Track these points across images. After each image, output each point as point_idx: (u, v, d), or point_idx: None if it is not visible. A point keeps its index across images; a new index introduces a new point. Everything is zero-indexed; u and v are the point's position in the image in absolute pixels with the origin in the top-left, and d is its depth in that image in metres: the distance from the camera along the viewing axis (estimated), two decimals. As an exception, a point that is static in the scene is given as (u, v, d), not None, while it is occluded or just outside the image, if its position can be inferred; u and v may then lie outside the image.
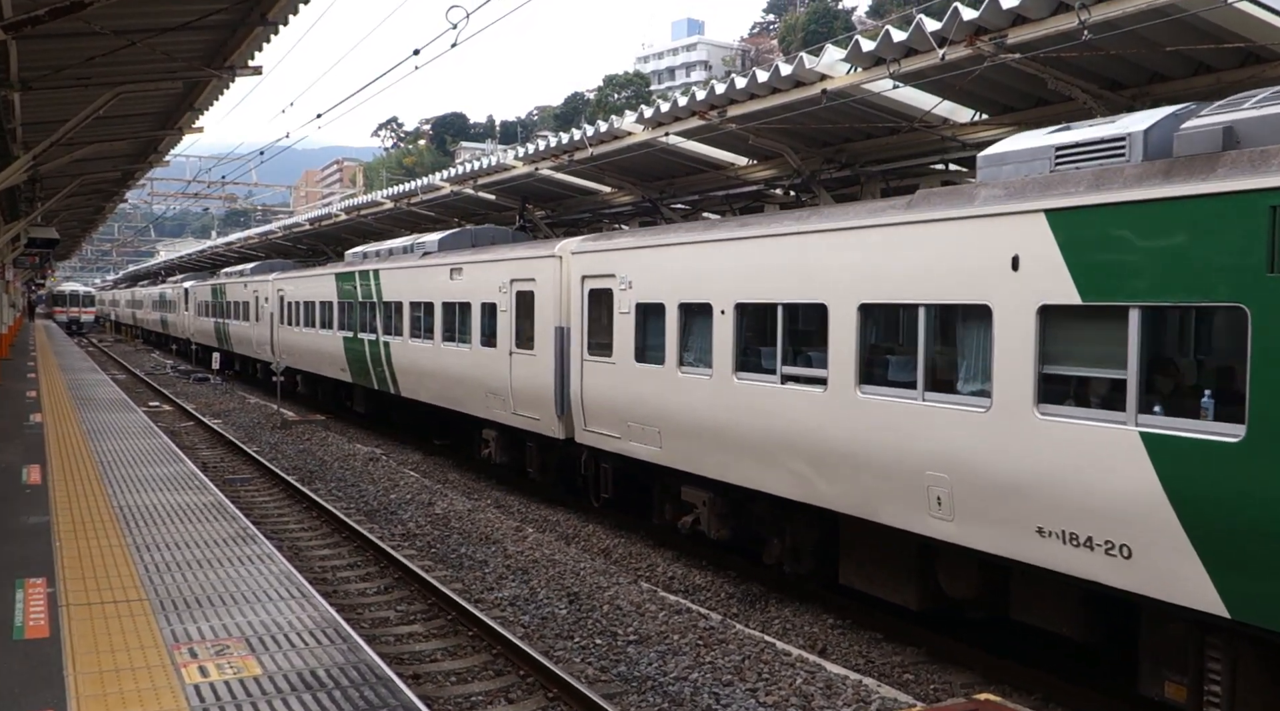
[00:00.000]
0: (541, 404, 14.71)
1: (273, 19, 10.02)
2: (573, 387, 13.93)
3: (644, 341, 12.47)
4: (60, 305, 79.07)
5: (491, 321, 16.44)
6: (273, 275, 31.18)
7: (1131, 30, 8.82)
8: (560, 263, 14.37)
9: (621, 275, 12.83)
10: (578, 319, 13.87)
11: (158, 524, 10.13)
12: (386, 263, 21.58)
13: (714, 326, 11.08)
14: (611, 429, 13.05)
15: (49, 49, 10.44)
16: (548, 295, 14.56)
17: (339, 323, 24.35)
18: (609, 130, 15.80)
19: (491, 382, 16.26)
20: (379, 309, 21.64)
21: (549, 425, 14.62)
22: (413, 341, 19.76)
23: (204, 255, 55.47)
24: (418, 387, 19.76)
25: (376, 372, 21.89)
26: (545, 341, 14.59)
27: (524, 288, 15.34)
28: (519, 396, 15.43)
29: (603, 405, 13.20)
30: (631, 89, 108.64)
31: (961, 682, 8.87)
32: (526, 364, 15.18)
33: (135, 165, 20.03)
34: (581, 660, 9.08)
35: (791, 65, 11.86)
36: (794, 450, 9.94)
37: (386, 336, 21.13)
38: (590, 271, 13.59)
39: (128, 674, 6.13)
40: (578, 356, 13.82)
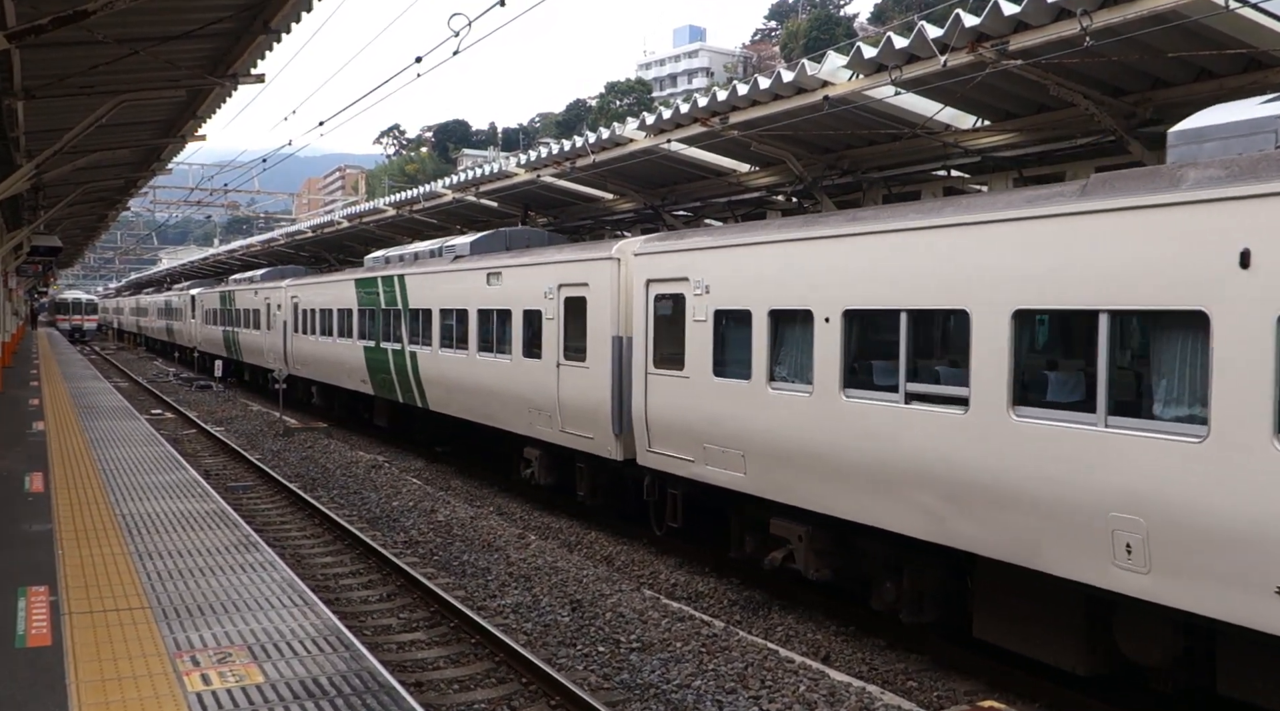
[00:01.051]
0: (595, 422, 13.48)
1: (275, 27, 10.04)
2: (634, 404, 12.56)
3: (724, 353, 11.16)
4: (63, 313, 79.15)
5: (535, 330, 15.14)
6: (286, 281, 29.96)
7: (1133, 37, 8.83)
8: (618, 266, 13.12)
9: (696, 279, 11.48)
10: (641, 328, 12.48)
11: (160, 531, 10.12)
12: (412, 267, 20.24)
13: (815, 336, 9.74)
14: (682, 451, 11.68)
15: (52, 57, 10.47)
16: (603, 301, 13.31)
17: (359, 331, 23.06)
18: (611, 137, 15.81)
19: (536, 397, 14.99)
20: (404, 317, 20.34)
21: (604, 445, 13.36)
22: (443, 352, 18.51)
23: (207, 262, 55.56)
24: (448, 402, 18.51)
25: (402, 385, 20.55)
26: (600, 353, 13.37)
27: (574, 293, 14.03)
28: (568, 413, 14.17)
29: (671, 424, 11.88)
30: (633, 96, 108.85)
31: (965, 690, 8.84)
32: (577, 377, 13.94)
33: (138, 173, 20.08)
34: (584, 667, 9.06)
35: (793, 72, 11.87)
36: (921, 481, 8.54)
37: (413, 346, 19.84)
38: (657, 275, 12.21)
39: (130, 682, 6.11)
40: (640, 370, 12.46)
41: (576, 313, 14.06)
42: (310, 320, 27.08)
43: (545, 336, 14.75)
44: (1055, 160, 12.05)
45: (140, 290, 74.85)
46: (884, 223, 9.10)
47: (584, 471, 14.41)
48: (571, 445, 14.24)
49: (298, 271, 33.14)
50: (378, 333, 21.83)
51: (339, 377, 24.92)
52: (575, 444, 14.11)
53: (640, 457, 12.61)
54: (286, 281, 29.85)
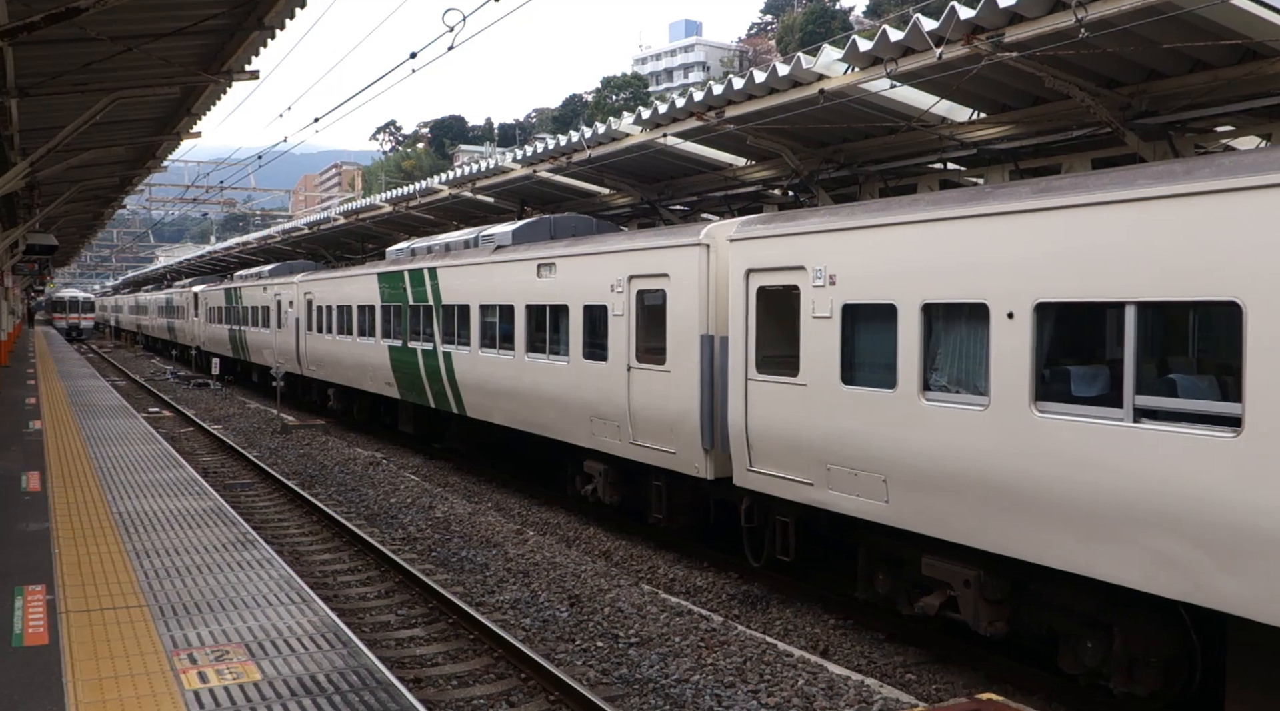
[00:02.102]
0: (678, 434, 11.76)
1: (269, 23, 10.02)
2: (730, 415, 10.82)
3: (855, 356, 9.41)
4: (60, 311, 79.08)
5: (599, 329, 13.41)
6: (298, 277, 28.19)
7: (1128, 28, 8.82)
8: (707, 253, 11.42)
9: (817, 267, 9.69)
10: (739, 326, 10.76)
11: (157, 529, 10.11)
12: (445, 260, 18.46)
13: (991, 336, 7.93)
14: (796, 471, 9.94)
15: (45, 55, 10.44)
16: (688, 295, 11.61)
17: (383, 330, 21.31)
18: (607, 132, 15.80)
19: (600, 405, 13.24)
20: (437, 314, 18.54)
21: (690, 461, 11.64)
22: (484, 353, 16.68)
23: (204, 260, 55.46)
24: (490, 408, 16.66)
25: (434, 389, 18.73)
26: (684, 354, 11.66)
27: (650, 286, 12.34)
28: (642, 423, 12.41)
29: (782, 440, 10.14)
30: (629, 91, 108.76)
31: (964, 683, 8.85)
32: (654, 382, 12.21)
33: (133, 171, 20.04)
34: (583, 663, 9.06)
35: (789, 66, 11.87)
36: (1159, 522, 6.78)
37: (448, 346, 18.03)
38: (761, 263, 10.46)
39: (127, 680, 6.11)
40: (739, 375, 10.71)
41: (652, 308, 12.41)
42: (326, 318, 25.39)
43: (612, 335, 13.01)
44: (1051, 152, 12.05)
45: (139, 288, 74.48)
46: (1099, 192, 7.29)
47: (660, 490, 12.57)
48: (645, 460, 12.46)
49: (308, 266, 31.78)
50: (405, 331, 20.12)
51: (360, 380, 23.20)
52: (650, 459, 12.34)
53: (738, 477, 10.86)
54: (299, 277, 28.16)
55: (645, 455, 12.45)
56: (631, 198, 18.62)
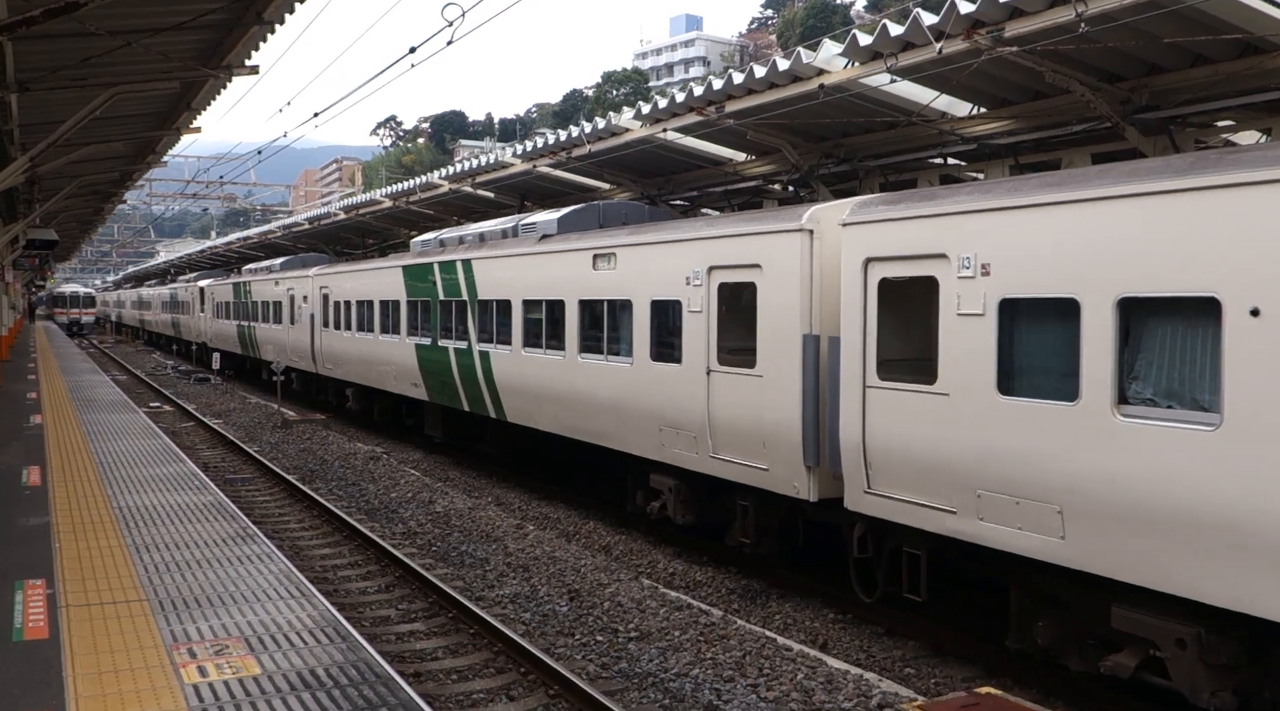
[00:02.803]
0: (773, 448, 10.27)
1: (269, 18, 10.01)
2: (843, 427, 9.34)
3: (1017, 361, 7.91)
4: (60, 307, 79.09)
5: (671, 327, 11.99)
6: (313, 270, 26.78)
7: (1128, 23, 8.81)
8: (810, 240, 9.92)
9: (964, 254, 8.19)
10: (855, 324, 9.22)
11: (158, 524, 10.13)
12: (481, 251, 16.95)
13: (1225, 339, 6.46)
14: (932, 496, 8.46)
15: (45, 50, 10.44)
16: (786, 288, 10.12)
17: (409, 326, 19.86)
18: (607, 127, 15.80)
19: (671, 413, 11.81)
20: (472, 310, 17.08)
21: (787, 479, 10.16)
22: (529, 353, 15.23)
23: (205, 254, 55.43)
24: (535, 414, 15.20)
25: (469, 392, 17.30)
26: (782, 357, 10.16)
27: (735, 278, 10.90)
28: (725, 435, 10.96)
29: (914, 459, 8.64)
30: (630, 86, 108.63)
31: (962, 676, 8.87)
32: (741, 389, 10.75)
33: (133, 166, 20.04)
34: (582, 657, 9.08)
35: (789, 60, 11.86)
36: None
37: (485, 345, 16.60)
38: (885, 250, 8.96)
39: (127, 674, 6.12)
40: (854, 381, 9.21)
41: (739, 303, 10.99)
42: (344, 314, 23.94)
43: (688, 334, 11.54)
44: (1051, 147, 12.05)
45: (142, 282, 74.16)
46: None
47: (747, 511, 11.11)
48: (728, 477, 11.00)
49: (322, 260, 30.71)
50: (434, 328, 18.67)
51: (382, 380, 21.72)
52: (735, 475, 10.87)
53: (850, 500, 9.38)
54: (314, 270, 26.75)
55: (728, 471, 10.95)
56: (632, 193, 18.61)
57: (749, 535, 11.14)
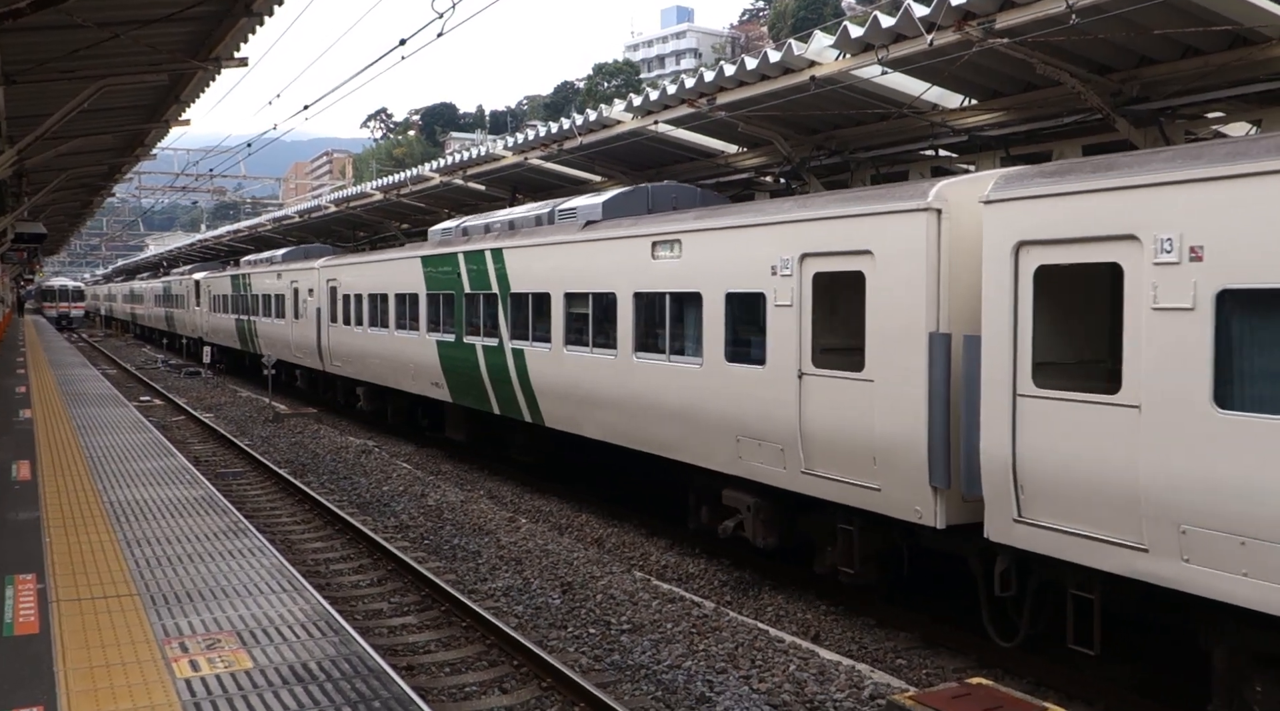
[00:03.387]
0: (886, 464, 8.90)
1: (257, 9, 9.96)
2: (985, 443, 7.93)
3: (1243, 366, 6.55)
4: (50, 300, 78.76)
5: (750, 323, 10.69)
6: (319, 262, 25.39)
7: (1119, 14, 8.82)
8: (938, 221, 8.49)
9: (1160, 235, 6.79)
10: (1002, 320, 7.78)
11: (149, 518, 10.10)
12: (514, 239, 15.54)
13: None
14: (1114, 529, 7.10)
15: (31, 42, 10.37)
16: (907, 278, 8.70)
17: (429, 322, 18.43)
18: (598, 119, 15.77)
19: (752, 421, 10.47)
20: (504, 304, 15.63)
21: (905, 501, 8.76)
22: (572, 352, 13.84)
23: (195, 247, 55.21)
24: (579, 418, 13.80)
25: (499, 393, 15.90)
26: (900, 358, 8.78)
27: (836, 267, 9.55)
28: (822, 447, 9.61)
29: (1087, 483, 7.25)
30: (621, 77, 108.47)
31: (954, 667, 8.90)
32: (844, 395, 9.38)
33: (122, 159, 19.94)
34: (575, 650, 9.09)
35: (780, 52, 11.85)
36: None
37: (519, 342, 15.18)
38: (1044, 232, 7.50)
39: (118, 669, 6.10)
40: (1001, 388, 7.78)
41: (841, 296, 9.73)
42: (355, 308, 22.44)
43: (774, 332, 10.17)
44: (1042, 138, 12.06)
45: (133, 275, 73.53)
46: None
47: (850, 536, 9.69)
48: (824, 496, 9.65)
49: (325, 251, 29.30)
50: (459, 324, 17.20)
51: (397, 378, 20.28)
52: (835, 495, 9.52)
53: (994, 529, 7.93)
54: (320, 262, 25.35)
55: (826, 490, 9.59)
56: (623, 185, 18.59)
57: (851, 563, 9.67)
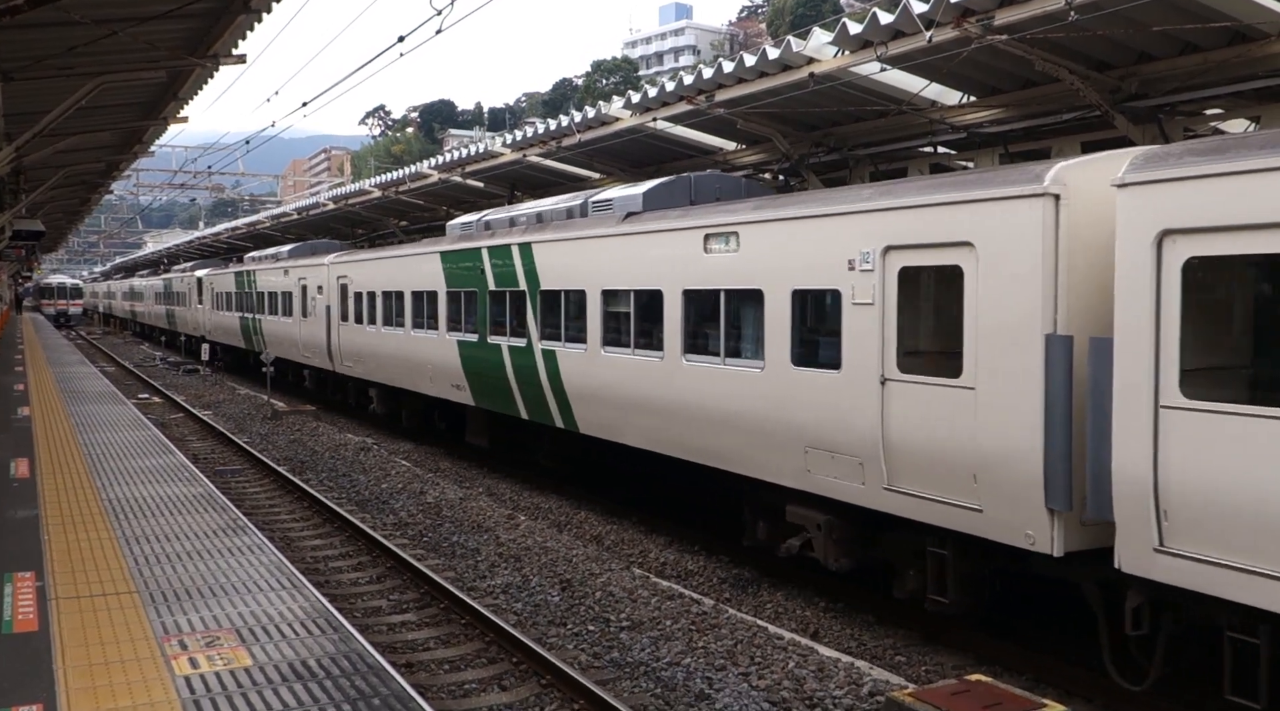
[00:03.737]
0: (990, 482, 7.95)
1: (255, 6, 9.96)
2: (1118, 461, 7.00)
3: None
4: (48, 298, 78.68)
5: (822, 323, 9.85)
6: (329, 258, 24.58)
7: (1118, 10, 8.82)
8: (1055, 207, 7.55)
9: None
10: (1142, 321, 6.85)
11: (148, 516, 10.09)
12: (544, 233, 14.59)
13: None
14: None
15: (29, 39, 10.35)
16: (1017, 272, 7.73)
17: (450, 320, 17.54)
18: (597, 116, 15.76)
19: (824, 431, 9.53)
20: (533, 302, 14.72)
21: (1015, 523, 7.80)
22: (610, 353, 12.91)
23: (192, 244, 55.14)
24: (618, 424, 12.86)
25: (528, 396, 15.01)
26: (1010, 362, 7.79)
27: (928, 261, 8.55)
28: (909, 461, 8.66)
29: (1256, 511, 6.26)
30: (620, 74, 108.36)
31: (953, 664, 8.91)
32: (937, 404, 8.38)
33: (120, 156, 19.93)
34: (574, 647, 9.09)
35: (779, 49, 11.84)
36: None
37: (550, 343, 14.31)
38: (1197, 218, 6.55)
39: (117, 666, 6.10)
40: (1138, 397, 6.87)
41: (933, 293, 8.85)
42: (368, 306, 21.59)
43: (851, 333, 9.20)
44: (1041, 135, 12.06)
45: (133, 272, 73.20)
46: None
47: (942, 561, 8.70)
48: (912, 515, 8.67)
49: (333, 246, 28.54)
50: (483, 323, 16.31)
51: (414, 380, 19.39)
52: (925, 515, 8.54)
53: (1129, 559, 7.00)
54: (330, 258, 24.49)
55: (914, 509, 8.62)
56: (622, 182, 18.59)
57: (945, 590, 8.66)
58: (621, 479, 15.24)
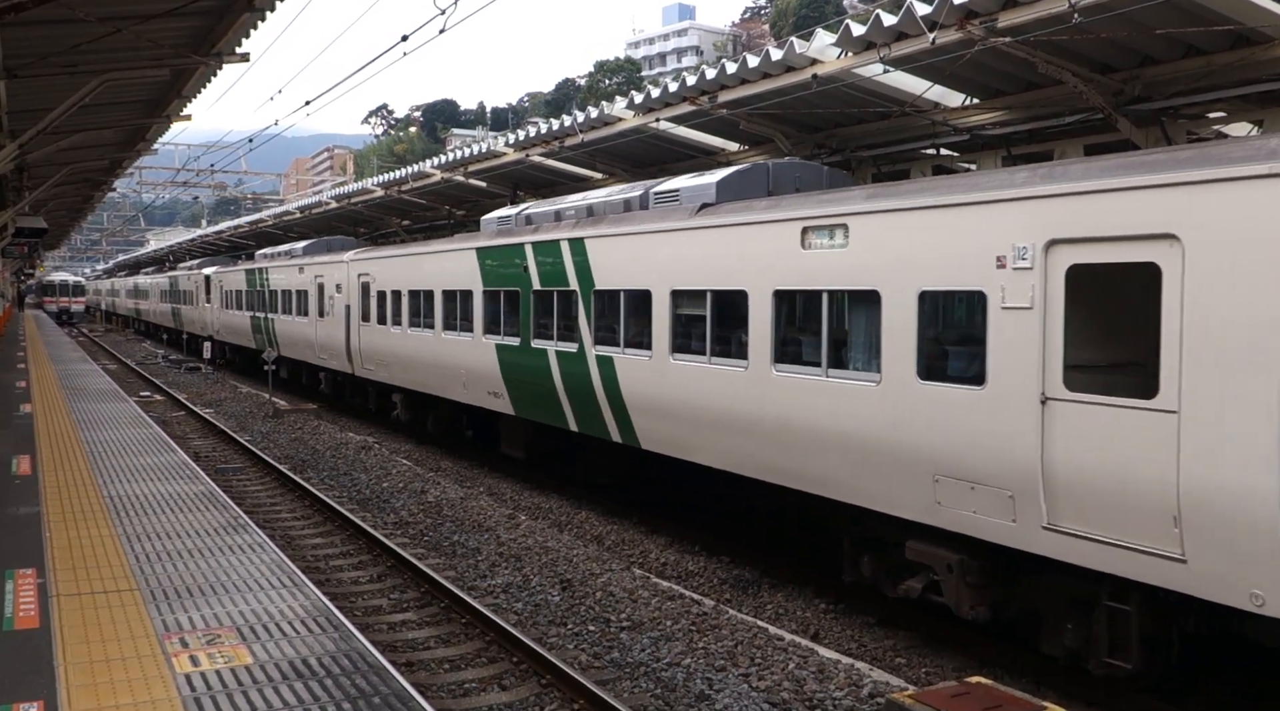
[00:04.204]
0: (1202, 527, 6.56)
1: (259, 4, 9.99)
2: None
3: None
4: (50, 295, 78.72)
5: (957, 330, 8.62)
6: (348, 255, 23.34)
7: (1121, 13, 8.82)
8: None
9: None
10: None
11: (149, 513, 10.10)
12: (600, 227, 13.27)
13: None
14: None
15: (33, 36, 10.37)
16: (1243, 272, 6.35)
17: (487, 322, 16.22)
18: (600, 116, 15.77)
19: (963, 456, 8.14)
20: (586, 302, 13.37)
21: (1234, 579, 6.43)
22: (681, 361, 11.54)
23: (196, 242, 55.14)
24: (691, 441, 11.47)
25: (579, 407, 13.64)
26: (1230, 381, 6.44)
27: (1109, 257, 7.14)
28: (1080, 496, 7.29)
29: None
30: (623, 75, 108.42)
31: (953, 666, 8.91)
32: (1121, 427, 7.02)
33: (123, 153, 19.96)
34: (574, 647, 9.09)
35: (782, 50, 11.85)
36: None
37: (606, 348, 12.95)
38: None
39: (118, 664, 6.11)
40: None
41: (1116, 296, 7.48)
42: (392, 306, 20.30)
43: (1000, 342, 7.86)
44: (1044, 138, 12.06)
45: (137, 270, 72.85)
46: None
47: (1123, 617, 7.39)
48: (1081, 561, 7.33)
49: (350, 243, 27.67)
50: (526, 325, 14.92)
51: (444, 385, 18.04)
52: (1100, 561, 7.19)
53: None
54: (350, 255, 23.25)
55: (1085, 553, 7.26)
56: (624, 182, 18.60)
57: (1116, 650, 7.43)
58: (686, 498, 13.97)
